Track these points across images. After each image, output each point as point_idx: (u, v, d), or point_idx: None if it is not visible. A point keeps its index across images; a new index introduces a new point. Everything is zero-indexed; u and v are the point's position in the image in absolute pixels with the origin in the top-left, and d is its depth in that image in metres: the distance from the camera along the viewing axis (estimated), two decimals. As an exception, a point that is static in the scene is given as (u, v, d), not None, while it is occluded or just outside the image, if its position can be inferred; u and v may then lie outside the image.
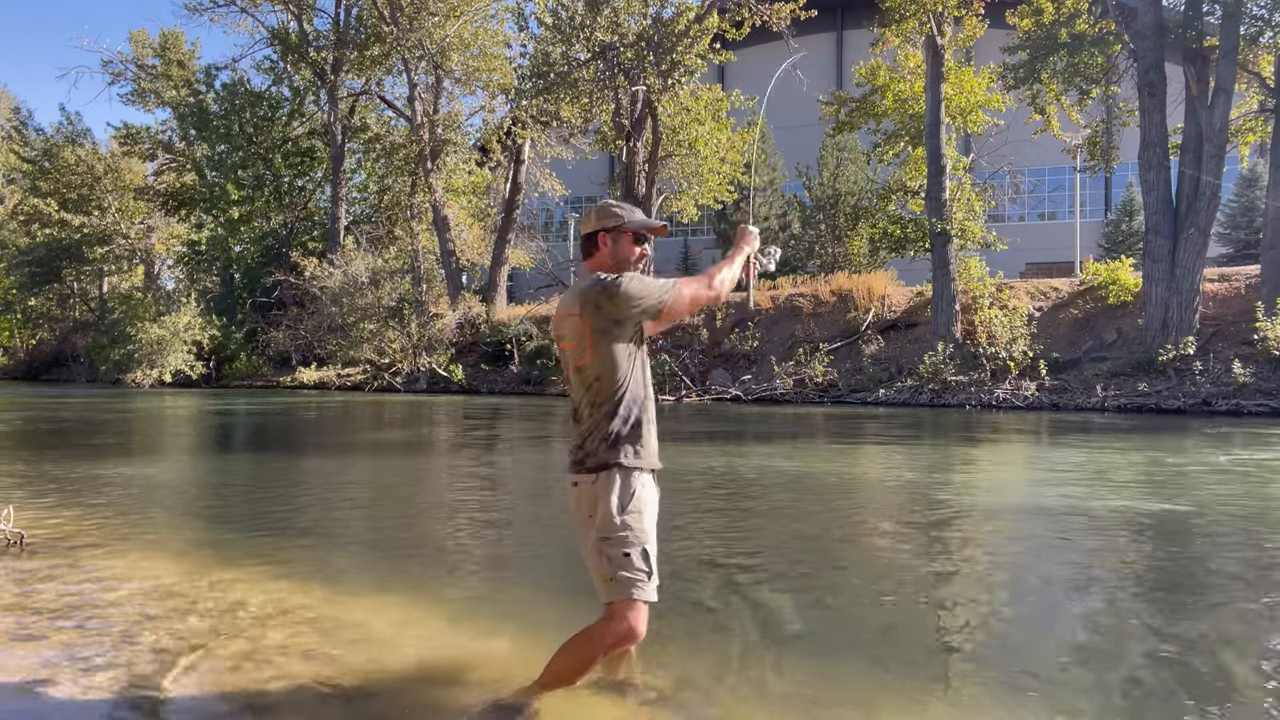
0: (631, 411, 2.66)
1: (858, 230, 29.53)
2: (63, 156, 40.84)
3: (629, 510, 2.60)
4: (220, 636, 3.55)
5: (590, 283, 2.67)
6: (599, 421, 2.64)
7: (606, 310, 2.62)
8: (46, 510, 6.33)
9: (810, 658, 3.38)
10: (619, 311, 2.62)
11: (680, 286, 2.70)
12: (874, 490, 7.80)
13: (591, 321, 2.63)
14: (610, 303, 2.61)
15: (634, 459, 2.64)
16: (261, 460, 10.47)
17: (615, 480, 2.61)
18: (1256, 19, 18.29)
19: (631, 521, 2.60)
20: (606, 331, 2.63)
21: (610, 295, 2.61)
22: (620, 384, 2.65)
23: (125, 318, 33.55)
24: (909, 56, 22.85)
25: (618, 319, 2.63)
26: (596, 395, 2.66)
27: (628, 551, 2.58)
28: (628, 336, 2.67)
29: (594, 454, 2.63)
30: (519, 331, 26.66)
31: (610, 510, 2.59)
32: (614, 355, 2.64)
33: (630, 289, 2.61)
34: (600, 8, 24.40)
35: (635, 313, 2.64)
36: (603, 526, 2.60)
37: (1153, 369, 17.32)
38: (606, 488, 2.60)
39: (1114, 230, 32.63)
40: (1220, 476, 8.32)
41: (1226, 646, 3.54)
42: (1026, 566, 4.97)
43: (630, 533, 2.59)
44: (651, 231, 2.84)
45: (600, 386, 2.65)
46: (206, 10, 35.44)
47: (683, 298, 2.70)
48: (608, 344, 2.64)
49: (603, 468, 2.62)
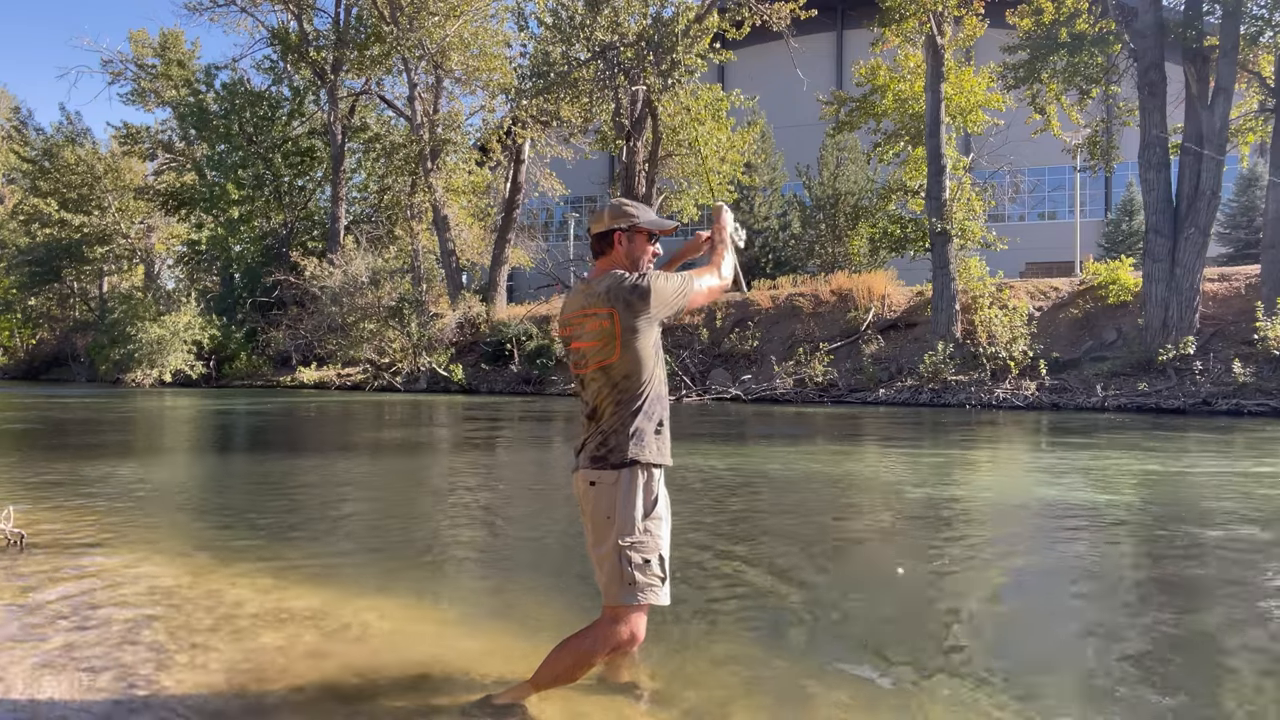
0: (655, 409, 2.70)
1: (858, 230, 29.53)
2: (63, 156, 40.86)
3: (652, 515, 2.63)
4: (220, 637, 3.56)
5: (615, 281, 2.66)
6: (625, 419, 2.64)
7: (638, 309, 2.63)
8: (46, 510, 6.33)
9: (810, 657, 3.39)
10: (652, 310, 2.64)
11: (695, 281, 2.77)
12: (873, 490, 7.80)
13: (623, 321, 2.63)
14: (642, 301, 2.63)
15: (657, 455, 2.67)
16: (261, 460, 10.47)
17: (639, 479, 2.62)
18: (1257, 18, 18.29)
19: (653, 527, 2.63)
20: (636, 330, 2.64)
21: (643, 295, 2.63)
22: (647, 381, 2.67)
23: (125, 317, 33.54)
24: (909, 56, 22.85)
25: (649, 317, 2.65)
26: (623, 393, 2.65)
27: (648, 558, 2.59)
28: (654, 334, 2.71)
29: (618, 449, 2.62)
30: (519, 331, 26.67)
31: (634, 514, 2.60)
32: (642, 353, 2.66)
33: (660, 287, 2.66)
34: (600, 7, 24.39)
35: (666, 310, 2.69)
36: (623, 529, 2.59)
37: (1153, 369, 17.32)
38: (630, 487, 2.60)
39: (1114, 230, 32.62)
40: (1226, 481, 8.32)
41: (1225, 641, 3.54)
42: (1025, 566, 4.97)
43: (651, 538, 2.62)
44: (663, 232, 2.88)
45: (628, 384, 2.65)
46: (206, 10, 35.47)
47: (700, 291, 2.77)
48: (637, 342, 2.65)
49: (625, 464, 2.61)
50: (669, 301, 2.68)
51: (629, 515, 2.59)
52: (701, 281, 2.79)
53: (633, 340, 2.64)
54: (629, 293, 2.63)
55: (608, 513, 2.61)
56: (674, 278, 2.72)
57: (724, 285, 2.87)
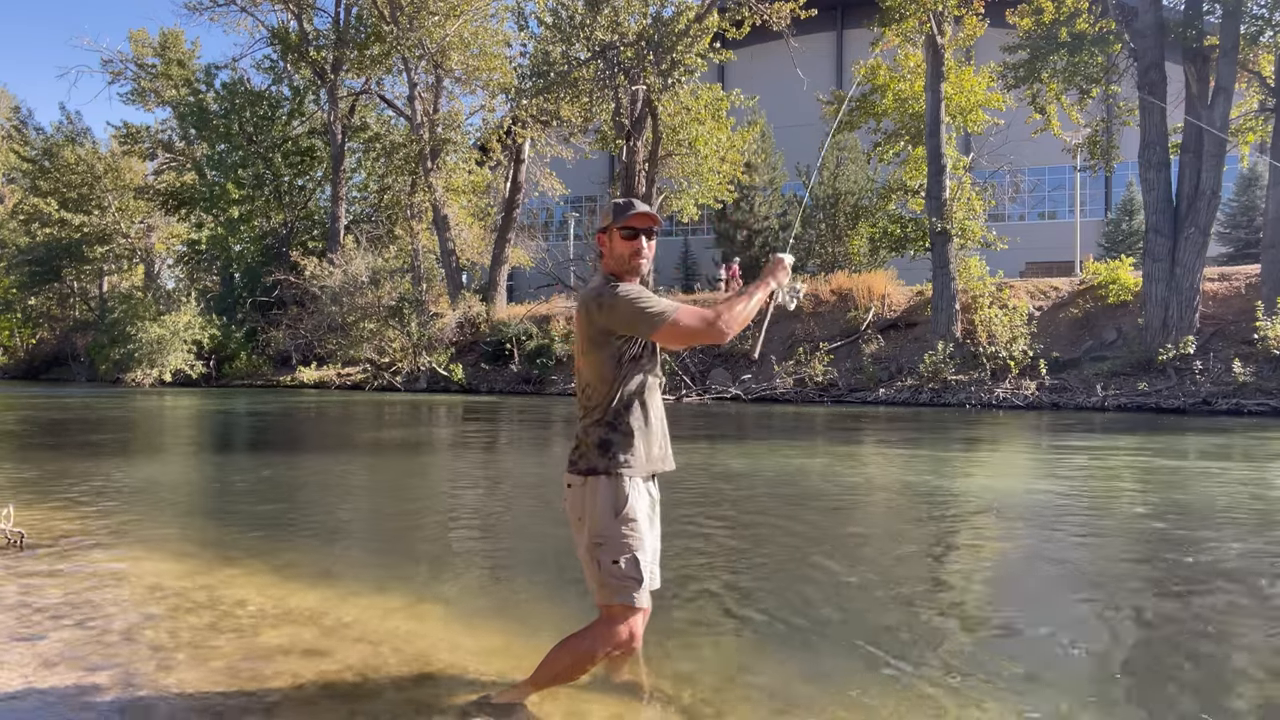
0: (622, 419, 2.61)
1: (858, 229, 29.53)
2: (63, 156, 40.84)
3: (620, 516, 2.57)
4: (220, 635, 3.56)
5: (590, 289, 2.66)
6: (589, 427, 2.63)
7: (595, 320, 2.59)
8: (46, 510, 6.33)
9: (810, 657, 3.39)
10: (606, 323, 2.57)
11: (679, 318, 2.50)
12: (872, 489, 7.80)
13: (584, 329, 2.63)
14: (600, 312, 2.57)
15: (622, 466, 2.58)
16: (261, 459, 10.47)
17: (602, 485, 2.58)
18: (1257, 18, 18.29)
19: (623, 528, 2.56)
20: (596, 340, 2.60)
21: (600, 306, 2.57)
22: (610, 393, 2.60)
23: (125, 317, 33.54)
24: (909, 56, 22.85)
25: (605, 330, 2.58)
26: (589, 400, 2.65)
27: (616, 559, 2.55)
28: (621, 347, 2.60)
29: (585, 457, 2.62)
30: (519, 331, 26.66)
31: (600, 515, 2.57)
32: (604, 364, 2.60)
33: (620, 304, 2.52)
34: (600, 7, 24.39)
35: (623, 329, 2.55)
36: (593, 531, 2.58)
37: (1153, 368, 17.32)
38: (594, 492, 2.58)
39: (1114, 230, 32.62)
40: (1222, 479, 8.32)
41: (1223, 641, 3.54)
42: (1025, 565, 4.98)
43: (620, 539, 2.56)
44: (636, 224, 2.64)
45: (591, 393, 2.64)
46: (206, 9, 35.45)
47: (676, 330, 2.50)
48: (599, 352, 2.61)
49: (591, 472, 2.60)
50: (625, 321, 2.52)
51: (596, 517, 2.58)
52: (686, 321, 2.49)
53: (592, 350, 2.61)
54: (592, 302, 2.60)
55: (579, 514, 2.62)
56: (647, 301, 2.52)
57: (714, 335, 2.51)
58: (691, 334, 2.53)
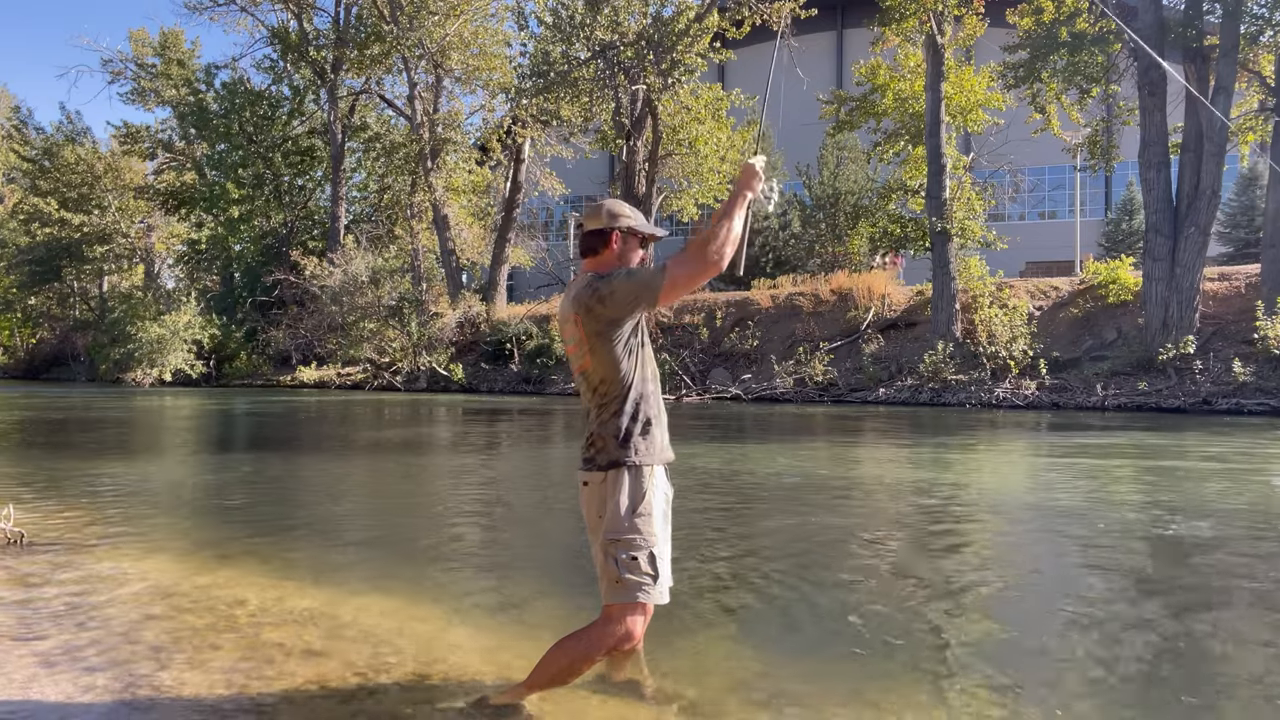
0: (639, 408, 2.65)
1: (858, 229, 29.52)
2: (63, 155, 40.85)
3: (638, 512, 2.59)
4: (220, 635, 3.56)
5: (583, 286, 2.67)
6: (608, 421, 2.64)
7: (599, 313, 2.60)
8: (47, 509, 6.33)
9: (810, 657, 3.39)
10: (612, 312, 2.60)
11: (673, 271, 2.53)
12: (872, 489, 7.80)
13: (587, 327, 2.63)
14: (601, 305, 2.60)
15: (644, 455, 2.63)
16: (261, 459, 10.47)
17: (625, 479, 2.60)
18: (1257, 18, 18.28)
19: (640, 524, 2.59)
20: (603, 334, 2.62)
21: (601, 299, 2.59)
22: (625, 383, 2.65)
23: (125, 317, 33.56)
24: (909, 55, 22.84)
25: (612, 320, 2.61)
26: (603, 396, 2.66)
27: (635, 555, 2.57)
28: (626, 334, 2.65)
29: (604, 451, 2.63)
30: (519, 330, 26.66)
31: (619, 511, 2.58)
32: (614, 356, 2.63)
33: (619, 287, 2.58)
34: (600, 6, 24.39)
35: (629, 310, 2.60)
36: (611, 527, 2.59)
37: (1153, 368, 17.32)
38: (616, 486, 2.60)
39: (1114, 229, 32.62)
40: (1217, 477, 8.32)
41: (1222, 644, 3.54)
42: (1023, 565, 4.98)
43: (639, 535, 2.58)
44: (653, 238, 2.86)
45: (605, 388, 2.66)
46: (206, 9, 35.48)
47: (677, 281, 2.54)
48: (606, 346, 2.63)
49: (613, 465, 2.61)
50: (628, 301, 2.57)
51: (615, 513, 2.58)
52: (680, 270, 2.53)
53: (600, 345, 2.63)
54: (589, 298, 2.61)
55: (599, 512, 2.62)
56: (641, 273, 2.61)
57: (712, 267, 2.54)
58: (691, 277, 2.56)
